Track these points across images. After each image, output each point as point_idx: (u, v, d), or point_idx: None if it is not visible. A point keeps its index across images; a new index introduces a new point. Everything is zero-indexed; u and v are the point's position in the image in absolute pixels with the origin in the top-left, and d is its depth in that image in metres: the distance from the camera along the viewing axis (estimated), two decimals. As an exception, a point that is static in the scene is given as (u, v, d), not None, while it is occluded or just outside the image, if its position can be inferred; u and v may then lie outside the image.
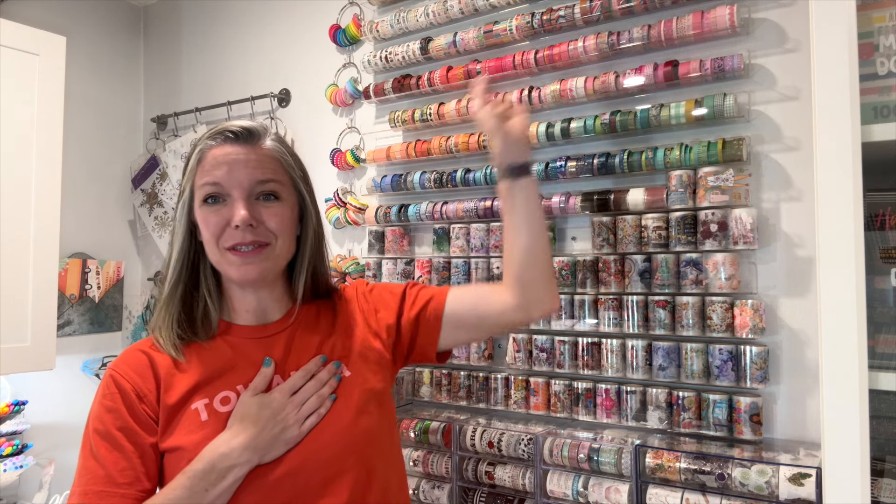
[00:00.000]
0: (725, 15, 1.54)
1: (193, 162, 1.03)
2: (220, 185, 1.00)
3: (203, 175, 1.01)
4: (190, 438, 0.96)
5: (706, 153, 1.57)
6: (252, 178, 1.01)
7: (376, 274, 2.14)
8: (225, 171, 1.00)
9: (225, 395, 1.00)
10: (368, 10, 2.28)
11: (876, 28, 1.05)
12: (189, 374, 1.01)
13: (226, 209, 1.00)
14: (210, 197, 1.01)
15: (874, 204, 1.11)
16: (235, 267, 1.00)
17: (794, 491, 1.33)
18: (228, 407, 0.99)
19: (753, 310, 1.51)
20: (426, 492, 1.81)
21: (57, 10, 2.68)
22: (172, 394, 0.99)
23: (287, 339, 1.07)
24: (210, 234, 1.00)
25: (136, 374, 1.00)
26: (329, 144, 2.36)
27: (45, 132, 2.26)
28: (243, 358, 1.04)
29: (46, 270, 2.22)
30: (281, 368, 1.04)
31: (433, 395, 2.00)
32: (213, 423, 0.97)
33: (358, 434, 1.00)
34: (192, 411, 0.98)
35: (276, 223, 1.02)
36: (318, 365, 1.04)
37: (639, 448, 1.53)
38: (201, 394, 0.99)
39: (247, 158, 1.01)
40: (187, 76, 2.89)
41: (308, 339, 1.08)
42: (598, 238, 1.73)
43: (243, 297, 1.07)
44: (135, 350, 1.05)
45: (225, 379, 1.01)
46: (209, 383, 1.01)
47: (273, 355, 1.04)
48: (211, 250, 1.02)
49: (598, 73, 1.76)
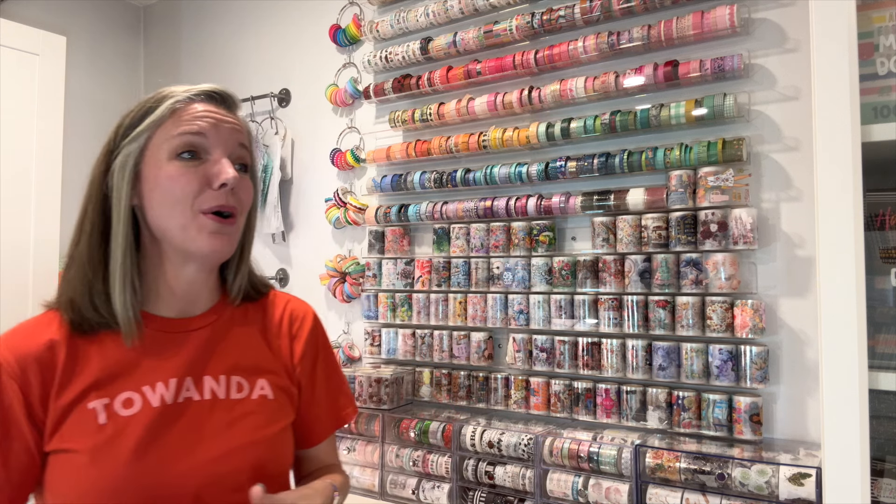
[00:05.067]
0: (725, 15, 1.54)
1: (164, 111, 0.89)
2: (205, 138, 0.88)
3: (180, 125, 0.88)
4: (84, 442, 0.83)
5: (706, 153, 1.57)
6: (236, 140, 0.92)
7: (376, 274, 2.14)
8: (211, 124, 0.89)
9: (128, 397, 0.87)
10: (368, 10, 2.28)
11: (876, 28, 1.05)
12: (91, 367, 0.87)
13: (205, 167, 0.88)
14: (188, 151, 0.88)
15: (874, 204, 1.11)
16: (207, 235, 0.88)
17: (794, 491, 1.33)
18: (131, 410, 0.86)
19: (753, 310, 1.51)
20: (426, 492, 1.81)
21: (57, 10, 2.68)
22: (69, 390, 0.86)
23: (206, 338, 0.95)
24: (183, 193, 0.87)
25: (27, 367, 0.85)
26: (329, 144, 2.36)
27: (45, 132, 2.26)
28: (154, 354, 0.90)
29: (46, 271, 2.22)
30: (194, 370, 0.92)
31: (433, 395, 2.00)
32: (112, 427, 0.84)
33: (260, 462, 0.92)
34: (88, 411, 0.85)
35: (246, 196, 0.93)
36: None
37: (639, 448, 1.53)
38: (101, 392, 0.86)
39: (231, 120, 0.92)
40: (187, 76, 2.89)
41: (230, 342, 0.97)
42: (598, 238, 1.73)
43: (178, 278, 0.93)
44: (32, 331, 0.89)
45: (129, 378, 0.88)
46: (111, 380, 0.87)
47: (187, 354, 0.92)
48: (178, 212, 0.87)
49: (598, 73, 1.76)
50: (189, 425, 0.89)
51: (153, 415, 0.87)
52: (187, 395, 0.90)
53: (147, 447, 0.85)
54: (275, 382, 0.98)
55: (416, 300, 2.05)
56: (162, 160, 0.88)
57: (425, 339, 2.03)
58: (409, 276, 2.08)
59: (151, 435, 0.86)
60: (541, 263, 1.82)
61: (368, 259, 2.17)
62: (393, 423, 1.91)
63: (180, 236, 0.88)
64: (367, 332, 2.17)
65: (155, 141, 0.88)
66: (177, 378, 0.90)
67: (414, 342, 2.05)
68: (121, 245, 0.88)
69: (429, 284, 2.03)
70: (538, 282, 1.82)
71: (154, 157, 0.88)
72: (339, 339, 2.30)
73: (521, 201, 1.85)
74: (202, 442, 0.89)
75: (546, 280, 1.81)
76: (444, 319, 1.99)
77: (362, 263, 2.22)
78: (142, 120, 0.90)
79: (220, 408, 0.92)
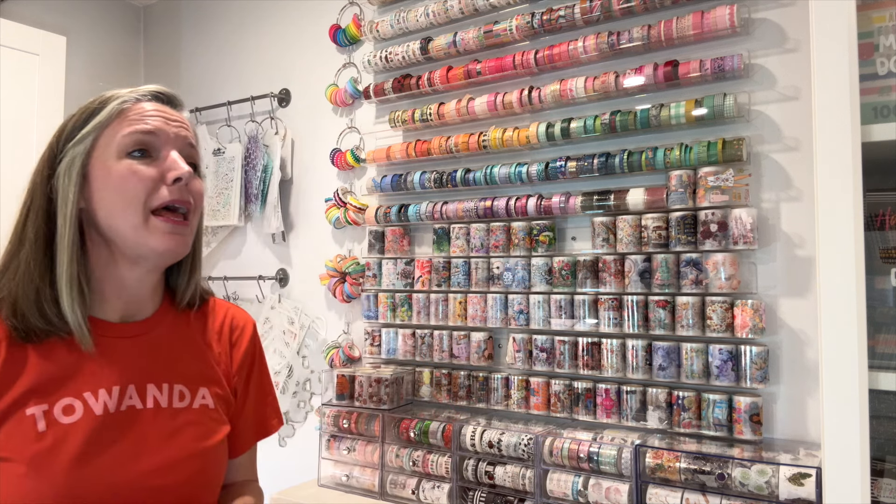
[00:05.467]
0: (725, 15, 1.54)
1: (109, 113, 0.87)
2: (156, 136, 0.88)
3: (129, 124, 0.87)
4: (21, 451, 0.80)
5: (706, 153, 1.57)
6: (185, 139, 0.91)
7: (376, 274, 2.14)
8: (161, 122, 0.89)
9: (68, 404, 0.84)
10: (368, 10, 2.28)
11: (876, 28, 1.05)
12: (30, 371, 0.84)
13: (157, 164, 0.88)
14: (139, 149, 0.87)
15: (874, 204, 1.11)
16: (160, 235, 0.86)
17: (794, 491, 1.33)
18: (71, 418, 0.83)
19: (753, 310, 1.51)
20: (426, 492, 1.81)
21: (57, 10, 2.68)
22: (7, 394, 0.82)
23: (149, 344, 0.93)
24: (136, 191, 0.85)
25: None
26: (329, 144, 2.36)
27: (45, 132, 2.26)
28: (96, 360, 0.87)
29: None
30: (136, 377, 0.90)
31: (433, 395, 2.00)
32: (52, 435, 0.81)
33: (200, 472, 0.92)
34: (27, 417, 0.82)
35: (198, 195, 0.92)
36: None
37: (639, 448, 1.53)
38: (39, 398, 0.83)
39: (178, 120, 0.92)
40: (187, 76, 2.89)
41: (173, 349, 0.96)
42: (598, 238, 1.73)
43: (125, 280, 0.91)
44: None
45: (70, 383, 0.85)
46: (52, 386, 0.84)
47: (131, 360, 0.90)
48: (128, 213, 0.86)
49: (598, 73, 1.76)
50: (131, 435, 0.87)
51: (95, 423, 0.85)
52: (130, 402, 0.88)
53: (88, 457, 0.83)
54: (215, 392, 0.97)
55: (416, 300, 2.05)
56: (111, 160, 0.86)
57: (425, 339, 2.03)
58: (409, 276, 2.08)
59: (92, 444, 0.83)
60: (541, 263, 1.82)
61: (368, 259, 2.17)
62: (393, 423, 1.91)
63: (133, 237, 0.87)
64: (367, 332, 2.17)
65: (102, 142, 0.87)
66: (120, 385, 0.88)
67: (414, 342, 2.05)
68: (67, 249, 0.86)
69: (429, 284, 2.04)
70: (538, 282, 1.82)
71: (102, 157, 0.87)
72: (339, 339, 2.30)
73: (521, 201, 1.85)
74: (143, 453, 0.87)
75: (546, 280, 1.81)
76: (444, 319, 2.00)
77: (362, 263, 2.22)
78: (87, 122, 0.88)
79: (162, 417, 0.90)
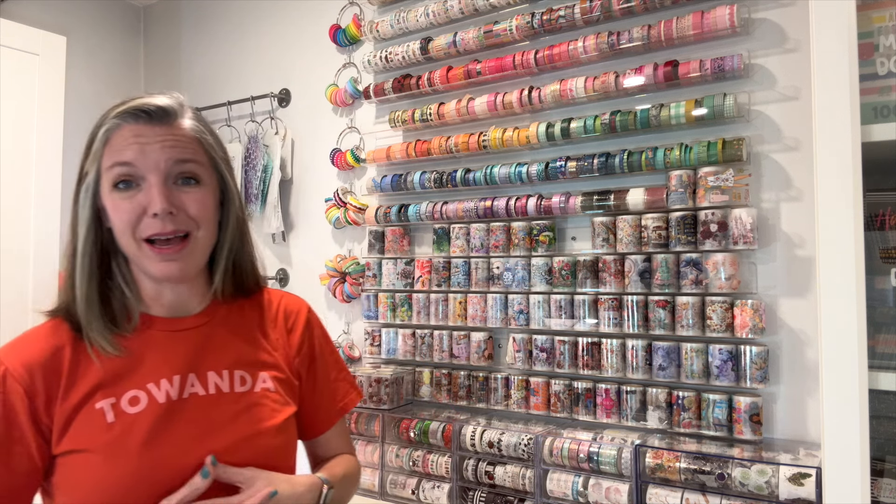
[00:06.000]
0: (725, 15, 1.54)
1: (99, 143, 0.90)
2: (133, 167, 0.88)
3: (112, 156, 0.89)
4: (94, 441, 0.87)
5: (706, 153, 1.57)
6: (170, 158, 0.89)
7: (376, 274, 2.14)
8: (137, 151, 0.88)
9: (133, 395, 0.90)
10: (368, 10, 2.28)
11: (876, 28, 1.05)
12: (95, 368, 0.90)
13: (140, 195, 0.88)
14: (121, 181, 0.89)
15: (874, 204, 1.11)
16: (154, 263, 0.90)
17: (794, 491, 1.33)
18: (137, 408, 0.89)
19: (753, 310, 1.51)
20: (426, 492, 1.81)
21: (57, 10, 2.68)
22: (75, 392, 0.89)
23: (205, 334, 0.98)
24: (123, 224, 0.89)
25: (34, 372, 0.89)
26: (329, 144, 2.36)
27: (45, 132, 2.26)
28: (155, 353, 0.94)
29: (46, 271, 2.22)
30: (196, 366, 0.95)
31: (433, 395, 2.00)
32: (120, 425, 0.88)
33: (267, 452, 0.95)
34: (96, 411, 0.88)
35: (197, 210, 0.92)
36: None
37: (639, 448, 1.53)
38: (106, 392, 0.89)
39: (163, 138, 0.90)
40: (187, 76, 2.89)
41: (228, 337, 1.00)
42: (598, 238, 1.73)
43: (158, 291, 0.96)
44: (38, 338, 0.92)
45: (133, 377, 0.91)
46: (116, 381, 0.90)
47: (189, 351, 0.95)
48: (126, 242, 0.90)
49: (598, 73, 1.76)
50: (195, 419, 0.91)
51: (159, 411, 0.90)
52: (192, 390, 0.93)
53: (155, 442, 0.88)
54: (275, 376, 1.01)
55: (416, 300, 2.05)
56: (106, 192, 0.90)
57: (425, 339, 2.03)
58: (409, 276, 2.08)
59: (159, 430, 0.89)
60: (541, 263, 1.82)
61: (368, 259, 2.17)
62: (393, 423, 1.91)
63: (135, 261, 0.92)
64: (367, 332, 2.17)
65: (101, 171, 0.90)
66: (180, 375, 0.93)
67: (414, 342, 2.05)
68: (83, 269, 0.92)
69: (429, 284, 2.04)
70: (538, 282, 1.82)
71: (103, 188, 0.91)
72: (339, 339, 2.30)
73: (521, 201, 1.85)
74: (210, 434, 0.91)
75: (546, 280, 1.81)
76: (444, 319, 1.99)
77: (362, 263, 2.22)
78: (89, 149, 0.92)
79: (224, 401, 0.95)
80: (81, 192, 0.93)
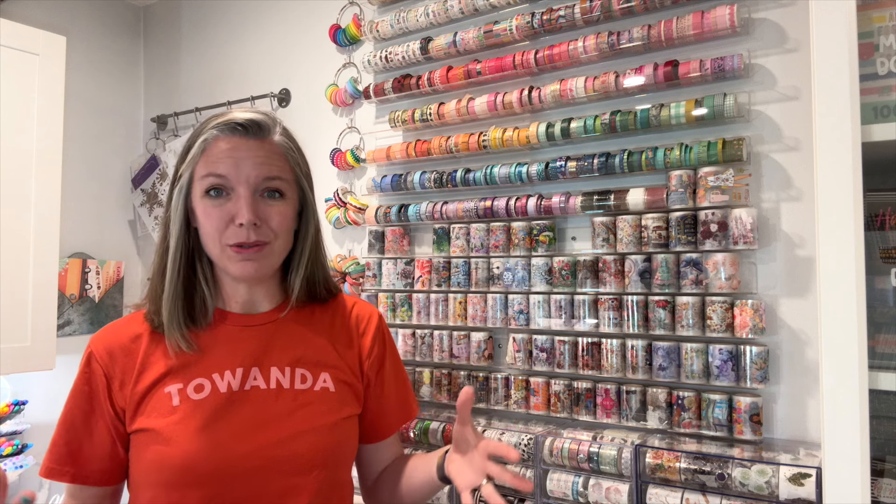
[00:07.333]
0: (725, 15, 1.54)
1: (197, 150, 0.99)
2: (226, 179, 0.97)
3: (207, 165, 0.98)
4: (159, 422, 0.96)
5: (706, 153, 1.57)
6: (259, 174, 0.98)
7: (376, 274, 2.14)
8: (231, 164, 0.97)
9: (199, 383, 0.99)
10: (368, 9, 2.28)
11: (876, 28, 1.05)
12: (165, 358, 1.00)
13: (230, 204, 0.97)
14: (213, 189, 0.98)
15: (874, 204, 1.11)
16: (234, 262, 0.98)
17: (794, 491, 1.33)
18: (201, 395, 0.97)
19: (753, 310, 1.51)
20: (426, 492, 1.81)
21: (57, 10, 2.68)
22: (147, 376, 0.99)
23: (272, 332, 1.06)
24: (212, 229, 0.98)
25: (114, 356, 1.00)
26: (329, 144, 2.36)
27: (45, 132, 2.26)
28: (224, 345, 1.02)
29: (46, 270, 2.22)
30: (260, 361, 1.02)
31: (433, 395, 2.00)
32: (184, 409, 0.96)
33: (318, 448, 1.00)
34: (164, 394, 0.97)
35: (278, 222, 1.00)
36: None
37: (639, 448, 1.53)
38: (176, 378, 0.99)
39: (255, 154, 0.98)
40: (187, 76, 2.89)
41: (294, 337, 1.07)
42: (598, 238, 1.73)
43: (235, 289, 1.06)
44: (121, 326, 1.05)
45: (201, 366, 1.00)
46: (185, 368, 0.99)
47: (254, 346, 1.03)
48: (211, 243, 0.99)
49: (598, 73, 1.76)
50: (253, 410, 0.98)
51: (221, 399, 0.98)
52: (254, 383, 1.00)
53: (212, 427, 0.95)
54: (337, 377, 1.06)
55: (416, 300, 2.05)
56: (198, 197, 0.99)
57: (425, 339, 2.03)
58: (409, 276, 2.08)
59: (217, 418, 0.96)
60: (541, 263, 1.82)
61: (368, 259, 2.17)
62: (393, 423, 1.91)
63: (218, 261, 1.01)
64: (367, 332, 2.17)
65: (194, 177, 0.99)
66: (243, 368, 1.01)
67: (414, 342, 2.05)
68: (172, 269, 1.00)
69: (429, 284, 2.03)
70: (538, 282, 1.82)
71: (195, 192, 1.00)
72: (339, 339, 2.30)
73: (521, 201, 1.85)
74: (265, 426, 0.97)
75: (546, 280, 1.81)
76: (444, 319, 1.99)
77: (362, 263, 2.22)
78: (186, 154, 1.01)
79: (284, 396, 1.01)
80: (175, 193, 1.00)
